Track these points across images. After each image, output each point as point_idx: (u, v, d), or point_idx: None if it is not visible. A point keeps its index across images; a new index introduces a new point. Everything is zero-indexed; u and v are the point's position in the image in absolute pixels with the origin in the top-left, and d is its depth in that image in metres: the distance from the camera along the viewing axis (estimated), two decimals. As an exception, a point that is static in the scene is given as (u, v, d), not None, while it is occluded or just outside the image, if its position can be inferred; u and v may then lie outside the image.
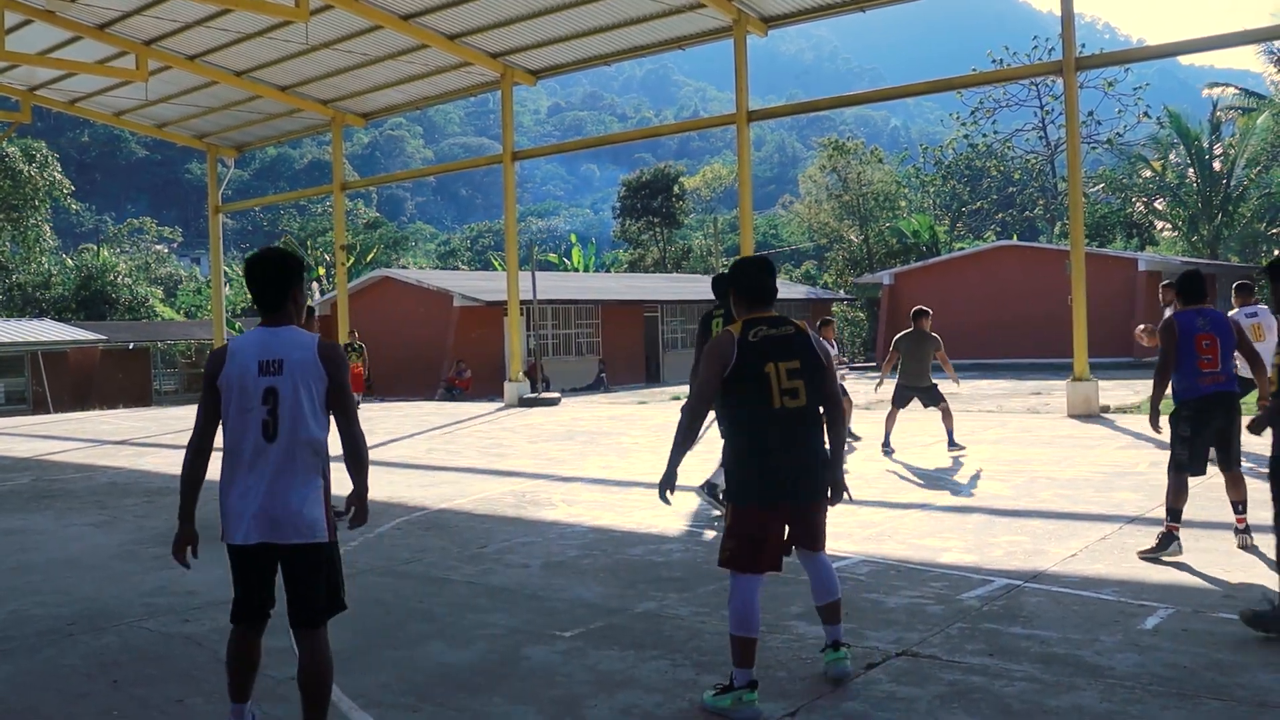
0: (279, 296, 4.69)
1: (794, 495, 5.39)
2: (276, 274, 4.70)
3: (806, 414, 5.38)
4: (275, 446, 4.58)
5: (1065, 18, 19.44)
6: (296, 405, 4.56)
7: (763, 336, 5.36)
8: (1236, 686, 5.35)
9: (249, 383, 4.59)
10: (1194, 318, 8.18)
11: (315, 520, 4.61)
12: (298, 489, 4.59)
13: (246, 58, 27.10)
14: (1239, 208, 50.23)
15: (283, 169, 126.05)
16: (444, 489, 13.16)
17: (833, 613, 5.67)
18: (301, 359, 4.60)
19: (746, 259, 5.78)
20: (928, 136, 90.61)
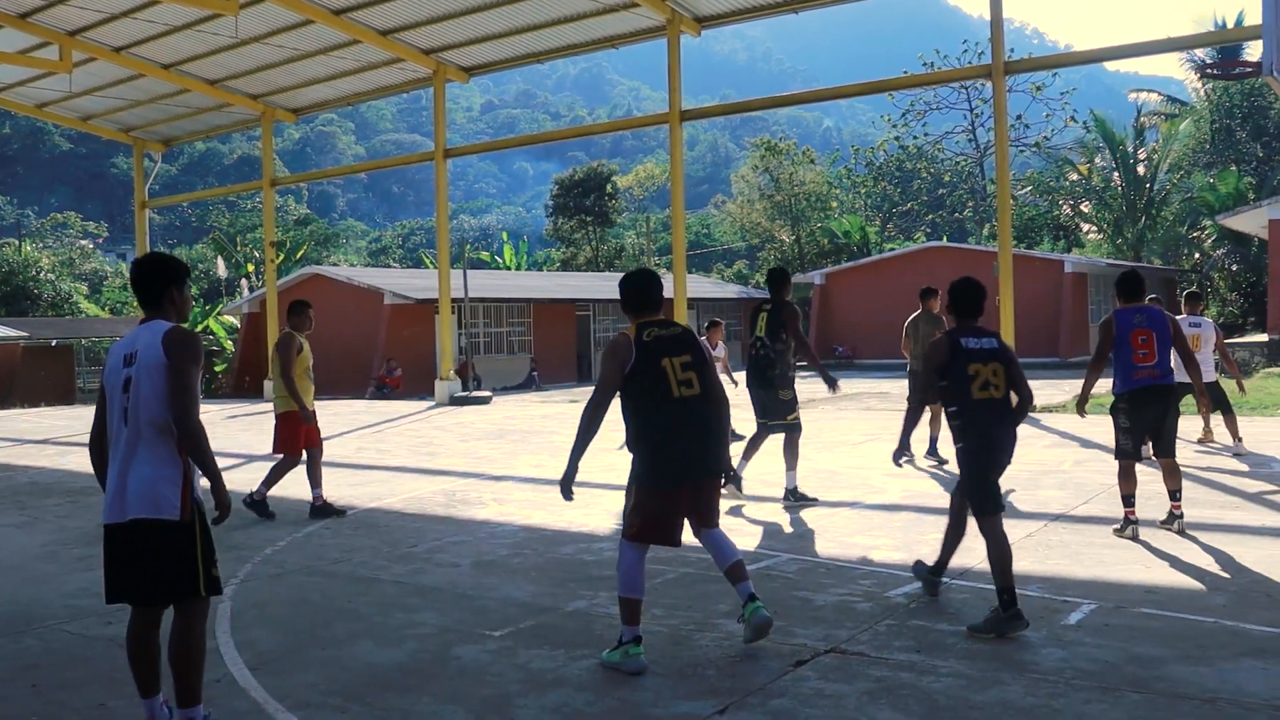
0: (150, 296, 4.96)
1: (694, 476, 6.02)
2: (149, 275, 4.99)
3: (701, 402, 6.00)
4: (128, 430, 4.80)
5: (995, 23, 19.69)
6: (140, 390, 4.76)
7: (655, 336, 6.03)
8: (1155, 679, 5.45)
9: (114, 376, 4.89)
10: (1132, 315, 8.74)
11: (161, 497, 4.71)
12: (142, 468, 4.73)
13: (174, 50, 26.71)
14: (1162, 211, 51.14)
15: (212, 164, 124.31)
16: (374, 488, 13.06)
17: (738, 572, 6.15)
18: (148, 345, 4.80)
19: (636, 271, 6.40)
20: (859, 138, 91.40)
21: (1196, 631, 6.20)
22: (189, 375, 4.78)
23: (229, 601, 7.60)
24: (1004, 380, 6.55)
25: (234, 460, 16.42)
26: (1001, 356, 6.57)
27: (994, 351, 6.56)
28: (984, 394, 6.48)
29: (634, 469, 6.13)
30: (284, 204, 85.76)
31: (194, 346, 4.86)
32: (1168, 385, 8.66)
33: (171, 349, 4.78)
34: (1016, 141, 55.17)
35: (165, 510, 4.71)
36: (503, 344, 40.74)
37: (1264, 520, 9.25)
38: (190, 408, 4.75)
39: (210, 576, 4.86)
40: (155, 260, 5.08)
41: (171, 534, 4.73)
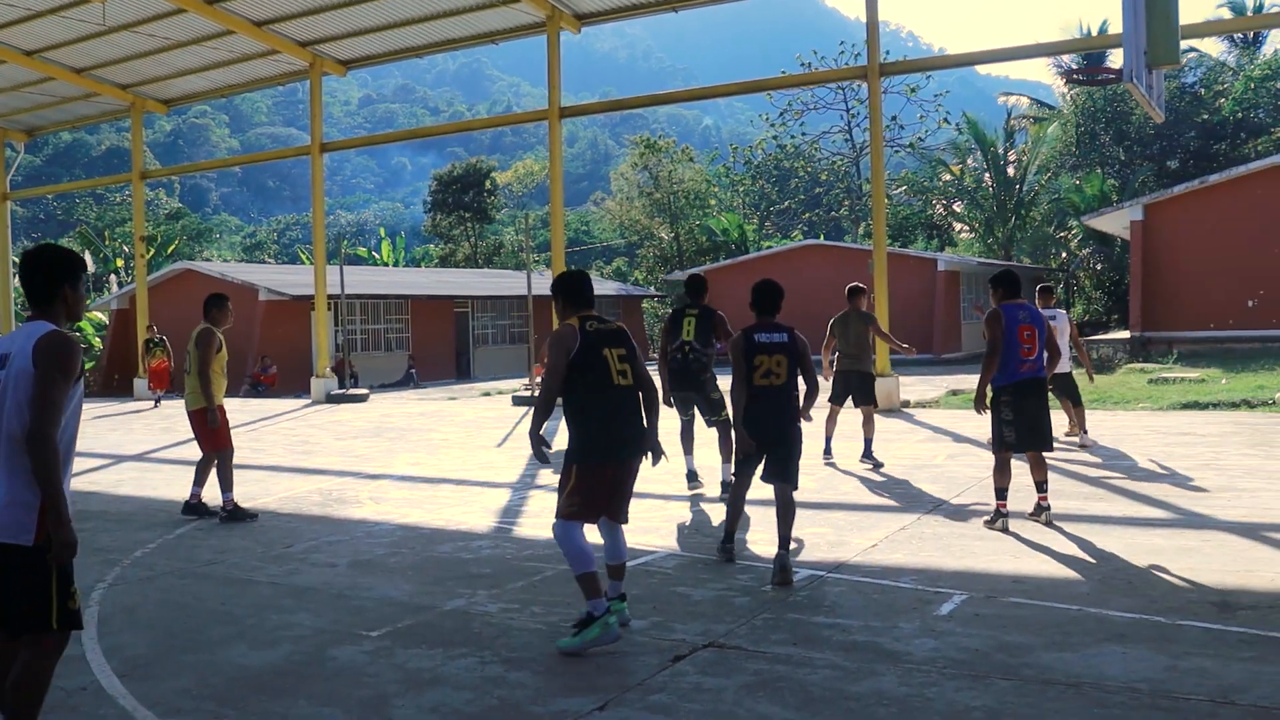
0: (40, 293, 4.57)
1: (624, 455, 6.46)
2: (39, 270, 4.59)
3: (633, 391, 6.51)
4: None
5: (870, 25, 20.02)
6: (5, 398, 4.38)
7: (596, 329, 6.48)
8: (1024, 666, 5.60)
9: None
10: (1016, 311, 8.95)
11: (14, 519, 4.29)
12: (8, 487, 4.32)
13: (38, 37, 25.86)
14: (1031, 211, 52.44)
15: (79, 155, 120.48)
16: (248, 488, 12.80)
17: (618, 571, 6.55)
18: (21, 349, 4.39)
19: (574, 272, 6.87)
20: (738, 137, 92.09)
21: (1062, 619, 6.39)
22: (54, 387, 4.31)
23: (96, 606, 7.40)
24: (786, 370, 7.67)
25: (102, 461, 16.01)
26: (789, 350, 7.72)
27: (782, 345, 7.74)
28: (764, 381, 7.64)
29: (570, 449, 6.49)
30: (155, 197, 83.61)
31: (67, 356, 4.38)
32: (1043, 378, 9.03)
33: (40, 357, 4.32)
34: (891, 142, 56.08)
35: (18, 533, 4.27)
36: (380, 341, 40.27)
37: (1124, 510, 9.55)
38: (44, 422, 4.26)
39: (66, 610, 4.37)
40: (47, 254, 4.64)
41: (22, 560, 4.27)
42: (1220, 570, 7.37)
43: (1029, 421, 8.92)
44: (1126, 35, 12.65)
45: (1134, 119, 48.59)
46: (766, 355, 7.67)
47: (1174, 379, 21.45)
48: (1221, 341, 28.49)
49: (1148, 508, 9.65)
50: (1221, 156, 46.84)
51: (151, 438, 19.19)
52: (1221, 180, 29.78)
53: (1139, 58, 12.59)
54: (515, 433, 18.19)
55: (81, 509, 11.62)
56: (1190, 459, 12.31)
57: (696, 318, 11.01)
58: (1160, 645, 5.86)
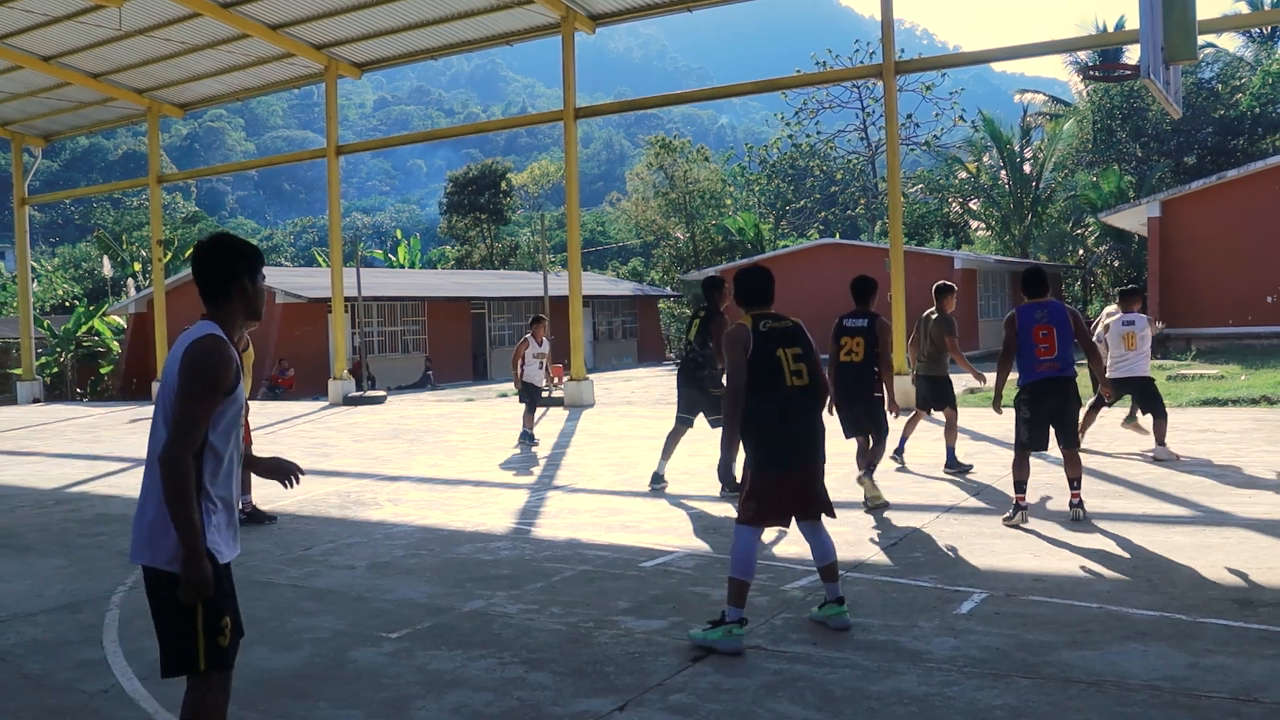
0: (213, 286, 4.03)
1: (803, 461, 6.29)
2: (213, 262, 4.06)
3: (810, 392, 6.38)
4: (148, 457, 3.94)
5: (885, 24, 19.99)
6: (158, 411, 3.93)
7: (771, 328, 6.34)
8: (1044, 665, 5.58)
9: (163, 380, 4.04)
10: (1034, 311, 9.05)
11: (158, 541, 3.84)
12: (147, 503, 3.88)
13: (55, 42, 25.99)
14: (1047, 209, 52.25)
15: (96, 160, 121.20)
16: (267, 490, 12.83)
17: (830, 572, 6.46)
18: (174, 355, 3.93)
19: (754, 267, 6.64)
20: (753, 136, 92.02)
21: (1083, 617, 6.36)
22: (193, 401, 3.80)
23: (117, 609, 7.43)
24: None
25: (121, 464, 16.08)
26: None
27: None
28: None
29: (748, 454, 6.34)
30: (171, 201, 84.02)
31: (213, 365, 3.84)
32: (1066, 377, 9.00)
33: (183, 366, 3.84)
34: (907, 140, 56.04)
35: (162, 558, 3.83)
36: (397, 343, 40.35)
37: (1144, 508, 9.51)
38: (175, 441, 3.74)
39: (215, 647, 3.95)
40: (223, 244, 4.10)
41: (169, 589, 3.83)
42: (1241, 567, 7.33)
43: (1047, 419, 9.01)
44: (1143, 31, 12.60)
45: (1151, 115, 48.38)
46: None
47: (1193, 376, 21.35)
48: (1240, 338, 28.36)
49: (1168, 505, 9.61)
50: (1239, 152, 46.59)
51: (170, 441, 19.22)
52: (1239, 176, 29.64)
53: (1156, 53, 12.55)
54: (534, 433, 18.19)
55: (101, 512, 11.69)
56: (1211, 456, 12.25)
57: (701, 319, 11.33)
58: (1181, 643, 5.83)
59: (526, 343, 16.87)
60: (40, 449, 18.93)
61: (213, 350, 3.85)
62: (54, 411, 28.48)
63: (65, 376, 42.04)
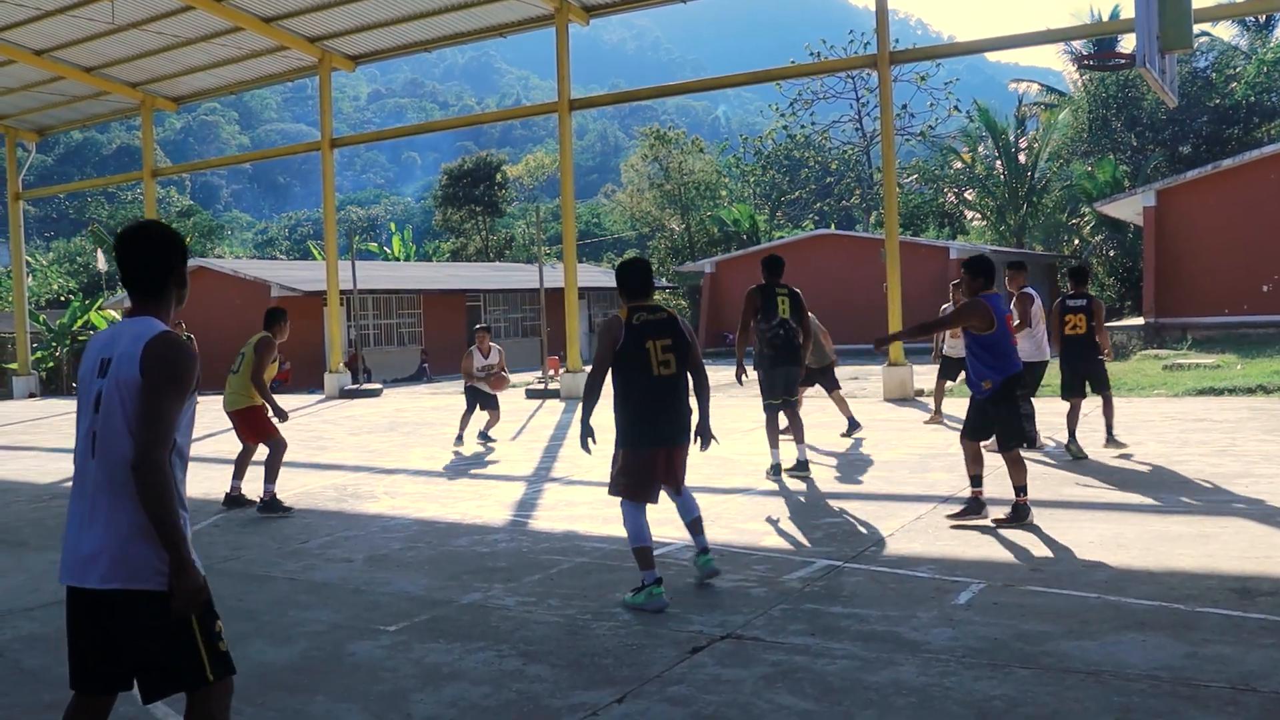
0: (146, 280, 3.76)
1: (666, 442, 7.01)
2: (149, 252, 3.78)
3: (675, 380, 6.99)
4: (95, 464, 3.63)
5: (879, 14, 19.96)
6: (111, 412, 3.61)
7: (644, 320, 6.95)
8: (1043, 655, 5.58)
9: (86, 384, 3.74)
10: (999, 300, 8.77)
11: (137, 560, 3.55)
12: (113, 517, 3.57)
13: (47, 36, 25.90)
14: (1042, 199, 52.31)
15: (90, 154, 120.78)
16: (262, 483, 12.83)
17: (696, 526, 7.36)
18: (126, 353, 3.61)
19: (633, 260, 7.34)
20: (748, 127, 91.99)
21: (1080, 607, 6.36)
22: (164, 400, 3.56)
23: (114, 603, 7.41)
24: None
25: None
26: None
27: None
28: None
29: (617, 433, 7.04)
30: (166, 195, 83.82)
31: (180, 363, 3.61)
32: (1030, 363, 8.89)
33: (150, 365, 3.57)
34: (902, 130, 56.04)
35: (144, 578, 3.55)
36: (393, 336, 40.34)
37: (1141, 498, 9.51)
38: (154, 444, 3.51)
39: (217, 654, 3.73)
40: (155, 232, 3.82)
41: (156, 608, 3.55)
42: (1239, 557, 7.33)
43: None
44: (1139, 20, 12.58)
45: (1146, 104, 48.37)
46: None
47: (1189, 365, 21.36)
48: (1236, 327, 28.37)
49: (1165, 494, 9.61)
50: (1234, 141, 46.60)
51: (166, 435, 19.19)
52: (1234, 165, 29.64)
53: (1151, 42, 12.52)
54: (529, 425, 18.21)
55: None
56: (1207, 445, 12.26)
57: (789, 296, 11.47)
58: (1179, 633, 5.83)
59: (471, 356, 15.98)
60: (36, 444, 18.90)
61: (177, 346, 3.63)
62: (50, 406, 28.44)
63: (61, 371, 41.99)
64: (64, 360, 42.21)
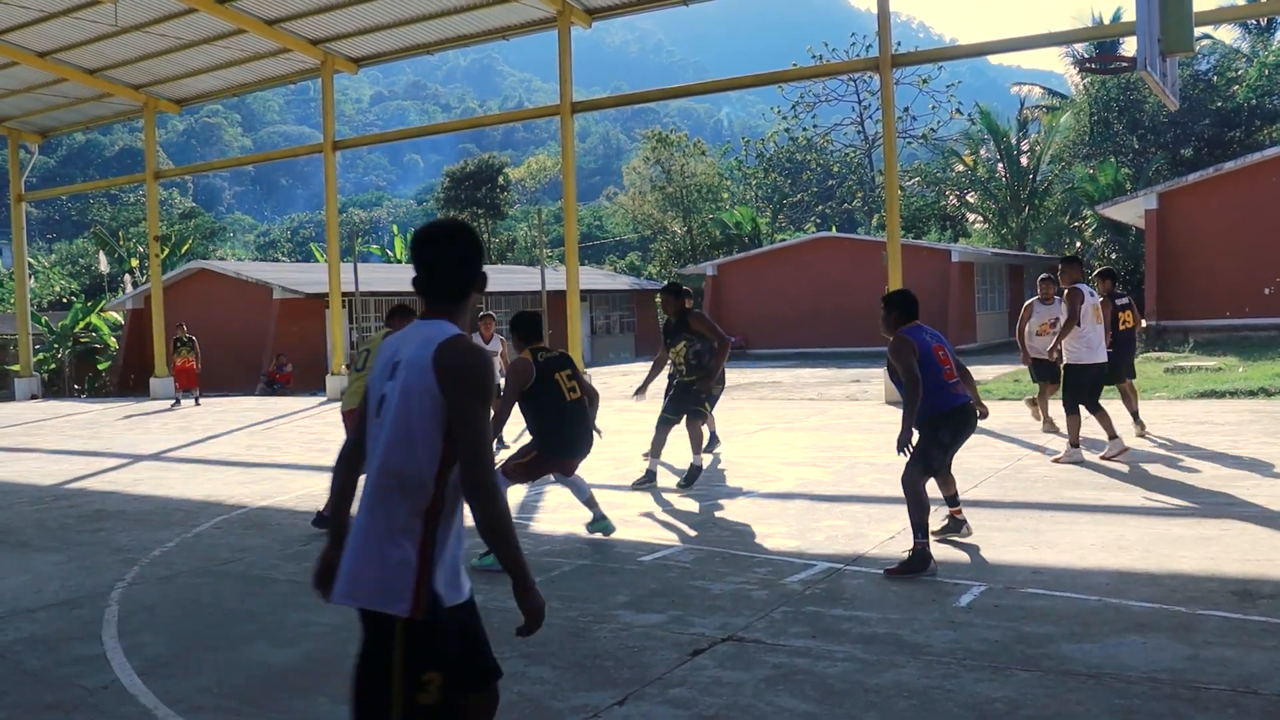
0: (444, 282, 3.54)
1: (578, 454, 8.74)
2: (450, 251, 3.56)
3: (581, 403, 8.58)
4: (372, 473, 3.46)
5: (881, 16, 19.97)
6: (391, 421, 3.38)
7: (546, 358, 8.47)
8: (1044, 657, 5.58)
9: (375, 386, 3.53)
10: (922, 332, 7.78)
11: (390, 581, 3.34)
12: (375, 534, 3.39)
13: (50, 38, 25.92)
14: (1044, 201, 52.29)
15: (92, 156, 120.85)
16: (264, 486, 12.86)
17: (591, 502, 8.93)
18: (415, 359, 3.37)
19: (527, 313, 8.75)
20: (750, 130, 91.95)
21: (1082, 609, 6.37)
22: (476, 413, 3.31)
23: (115, 605, 7.43)
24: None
25: (119, 460, 16.07)
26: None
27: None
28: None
29: (538, 440, 8.54)
30: (168, 197, 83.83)
31: (478, 368, 3.34)
32: (969, 401, 7.83)
33: (451, 377, 3.30)
34: (904, 133, 55.99)
35: (390, 600, 3.33)
36: (395, 338, 40.28)
37: (1143, 500, 9.51)
38: (485, 466, 3.28)
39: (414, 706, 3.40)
40: (460, 234, 3.58)
41: (395, 635, 3.39)
42: (1240, 559, 7.33)
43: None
44: (1140, 23, 12.58)
45: (1147, 107, 48.35)
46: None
47: (1190, 368, 21.37)
48: (1238, 330, 28.36)
49: (1166, 497, 9.61)
50: (1236, 144, 46.58)
51: (168, 437, 19.24)
52: (1236, 168, 29.62)
53: (1152, 45, 12.52)
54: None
55: (100, 508, 11.68)
56: (1208, 448, 12.26)
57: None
58: (1181, 635, 5.83)
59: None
60: (38, 445, 18.92)
61: (471, 352, 3.37)
62: (52, 408, 28.46)
63: (63, 373, 42.01)
64: (66, 362, 42.24)
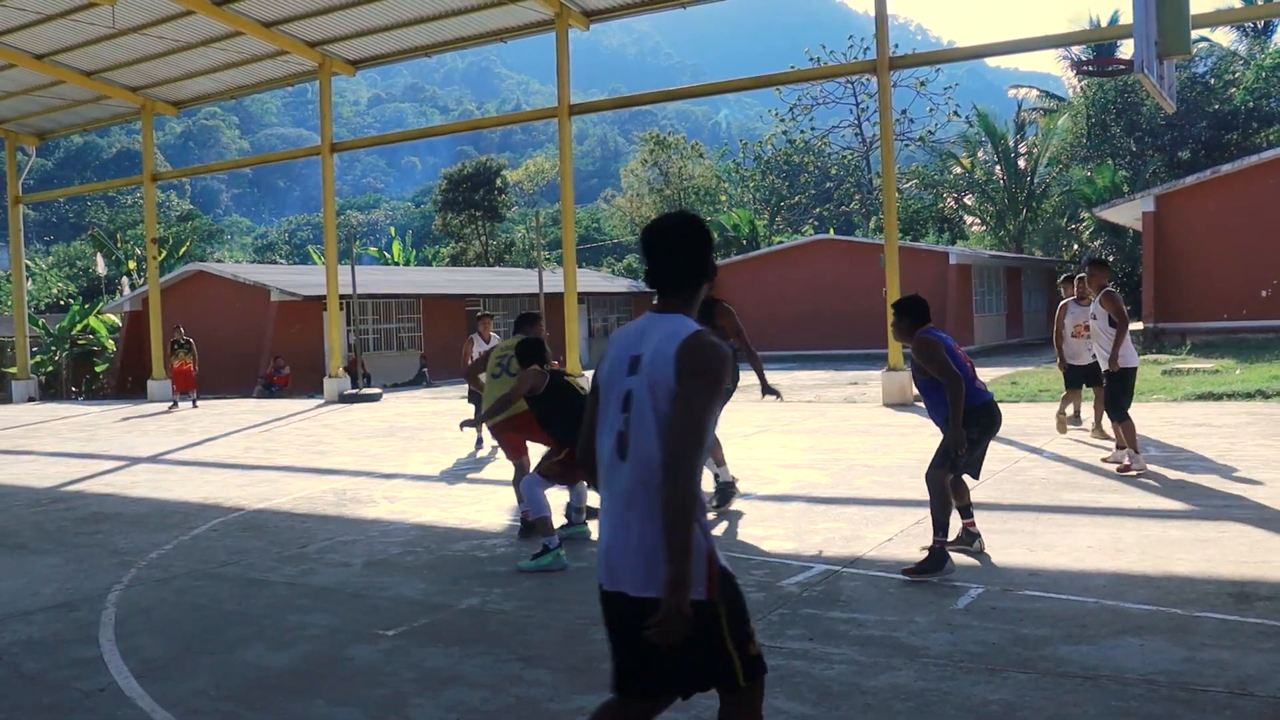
0: (680, 275, 3.59)
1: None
2: (684, 245, 3.60)
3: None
4: (627, 467, 3.48)
5: (879, 19, 19.98)
6: (642, 414, 3.45)
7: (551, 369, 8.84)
8: (1041, 659, 5.59)
9: (614, 380, 3.59)
10: (941, 333, 7.85)
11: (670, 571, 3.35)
12: (646, 525, 3.41)
13: (48, 40, 25.90)
14: (1042, 204, 52.37)
15: (90, 158, 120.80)
16: (262, 488, 12.85)
17: (593, 512, 8.80)
18: (659, 353, 3.44)
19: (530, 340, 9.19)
20: (748, 132, 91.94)
21: (1079, 611, 6.37)
22: (703, 405, 3.37)
23: (113, 608, 7.43)
24: None
25: (116, 462, 16.06)
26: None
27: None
28: None
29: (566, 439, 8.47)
30: (166, 199, 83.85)
31: (716, 365, 3.41)
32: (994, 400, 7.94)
33: (688, 366, 3.38)
34: (901, 136, 56.10)
35: (693, 587, 3.37)
36: (392, 340, 40.32)
37: (1140, 502, 9.51)
38: (689, 449, 3.32)
39: (748, 658, 3.62)
40: (694, 227, 3.63)
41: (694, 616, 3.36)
42: (1237, 561, 7.34)
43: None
44: (1137, 26, 12.61)
45: (1145, 110, 48.45)
46: None
47: (1188, 370, 21.37)
48: (1235, 332, 28.39)
49: (1163, 499, 9.62)
50: (1233, 146, 46.67)
51: (166, 439, 19.24)
52: (1233, 170, 29.66)
53: (1150, 48, 12.55)
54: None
55: (97, 510, 11.67)
56: (1206, 450, 12.26)
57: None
58: (1178, 637, 5.84)
59: (473, 342, 16.58)
60: (35, 448, 18.91)
61: (713, 348, 3.42)
62: (49, 410, 28.44)
63: (60, 375, 42.00)
64: (63, 364, 42.21)
